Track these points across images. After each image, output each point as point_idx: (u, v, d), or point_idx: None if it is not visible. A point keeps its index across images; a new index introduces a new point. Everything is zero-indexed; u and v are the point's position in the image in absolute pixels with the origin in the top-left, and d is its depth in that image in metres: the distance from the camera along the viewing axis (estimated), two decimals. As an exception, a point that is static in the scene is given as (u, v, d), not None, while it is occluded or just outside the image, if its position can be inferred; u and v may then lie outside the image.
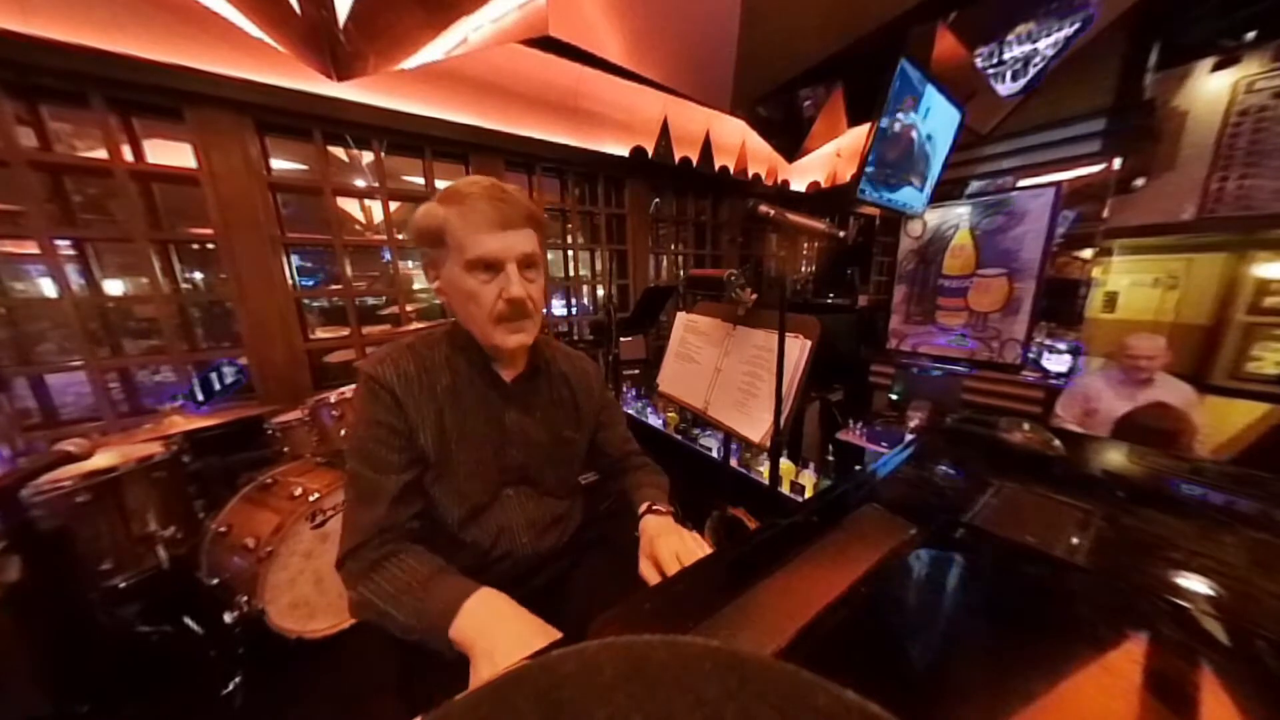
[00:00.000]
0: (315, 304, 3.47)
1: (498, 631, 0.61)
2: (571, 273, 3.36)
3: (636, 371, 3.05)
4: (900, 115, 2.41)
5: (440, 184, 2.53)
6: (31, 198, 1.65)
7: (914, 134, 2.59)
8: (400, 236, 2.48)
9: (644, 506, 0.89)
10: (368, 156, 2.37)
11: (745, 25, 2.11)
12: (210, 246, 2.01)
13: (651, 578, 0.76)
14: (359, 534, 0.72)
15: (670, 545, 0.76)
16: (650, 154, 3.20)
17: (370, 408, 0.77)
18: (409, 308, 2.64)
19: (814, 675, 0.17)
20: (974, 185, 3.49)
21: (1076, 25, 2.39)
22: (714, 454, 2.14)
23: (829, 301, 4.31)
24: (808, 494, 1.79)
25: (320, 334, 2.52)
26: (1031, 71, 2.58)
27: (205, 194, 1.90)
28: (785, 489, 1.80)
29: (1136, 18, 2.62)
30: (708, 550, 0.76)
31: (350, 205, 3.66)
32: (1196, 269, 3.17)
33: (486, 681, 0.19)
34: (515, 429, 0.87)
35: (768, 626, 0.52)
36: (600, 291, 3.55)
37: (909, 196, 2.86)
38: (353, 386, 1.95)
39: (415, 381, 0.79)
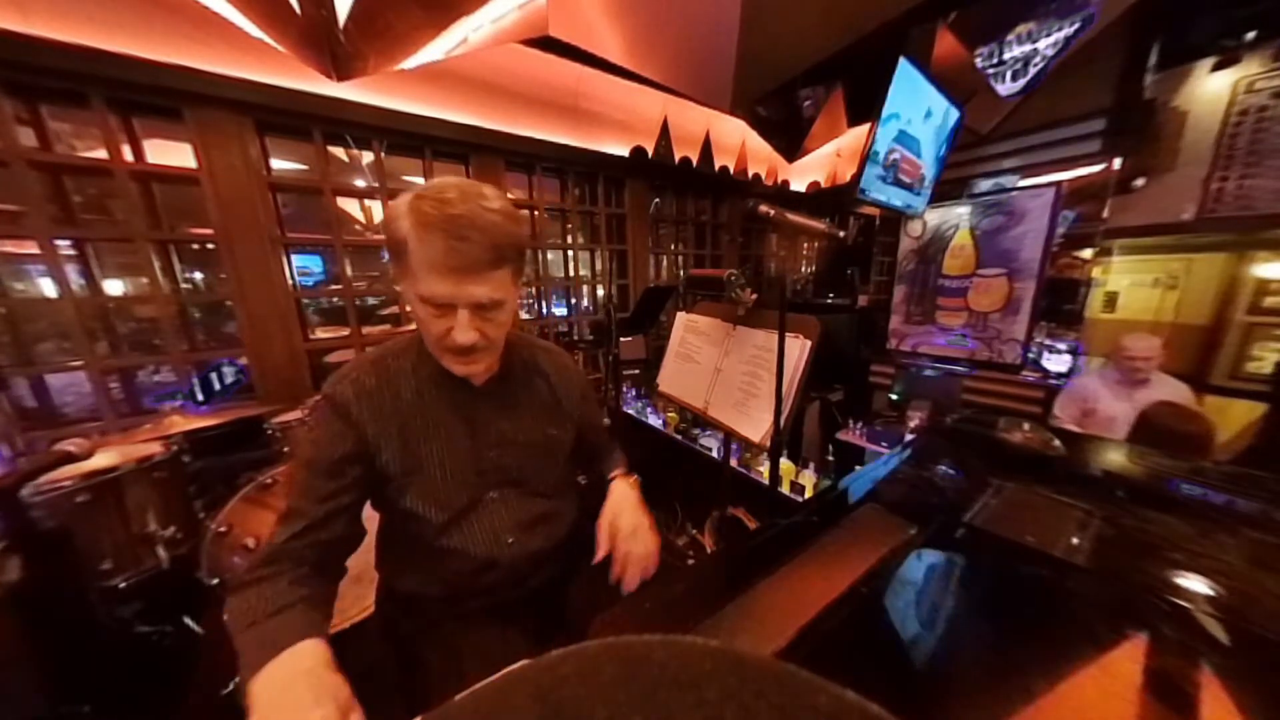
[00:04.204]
0: (313, 304, 3.46)
1: (274, 706, 0.52)
2: (571, 273, 3.36)
3: (636, 371, 3.04)
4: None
5: (440, 184, 2.54)
6: (31, 198, 1.65)
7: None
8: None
9: (616, 471, 0.99)
10: (368, 156, 2.37)
11: (745, 25, 2.11)
12: (210, 246, 2.01)
13: (601, 539, 0.85)
14: (263, 551, 0.70)
15: (627, 523, 0.86)
16: (650, 154, 3.20)
17: (318, 430, 0.76)
18: (409, 308, 2.64)
19: (814, 675, 0.17)
20: (974, 185, 3.49)
21: (1076, 25, 2.39)
22: (714, 454, 2.14)
23: (829, 301, 4.31)
24: (808, 494, 1.79)
25: (320, 334, 2.52)
26: (1031, 71, 2.58)
27: (205, 194, 1.90)
28: (785, 489, 1.80)
29: (1136, 18, 2.62)
30: (652, 537, 0.86)
31: (350, 205, 3.66)
32: (1196, 269, 3.17)
33: (486, 681, 0.19)
34: (491, 430, 0.86)
35: (768, 626, 0.52)
36: (600, 291, 3.55)
37: (907, 198, 2.86)
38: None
39: (375, 396, 0.78)
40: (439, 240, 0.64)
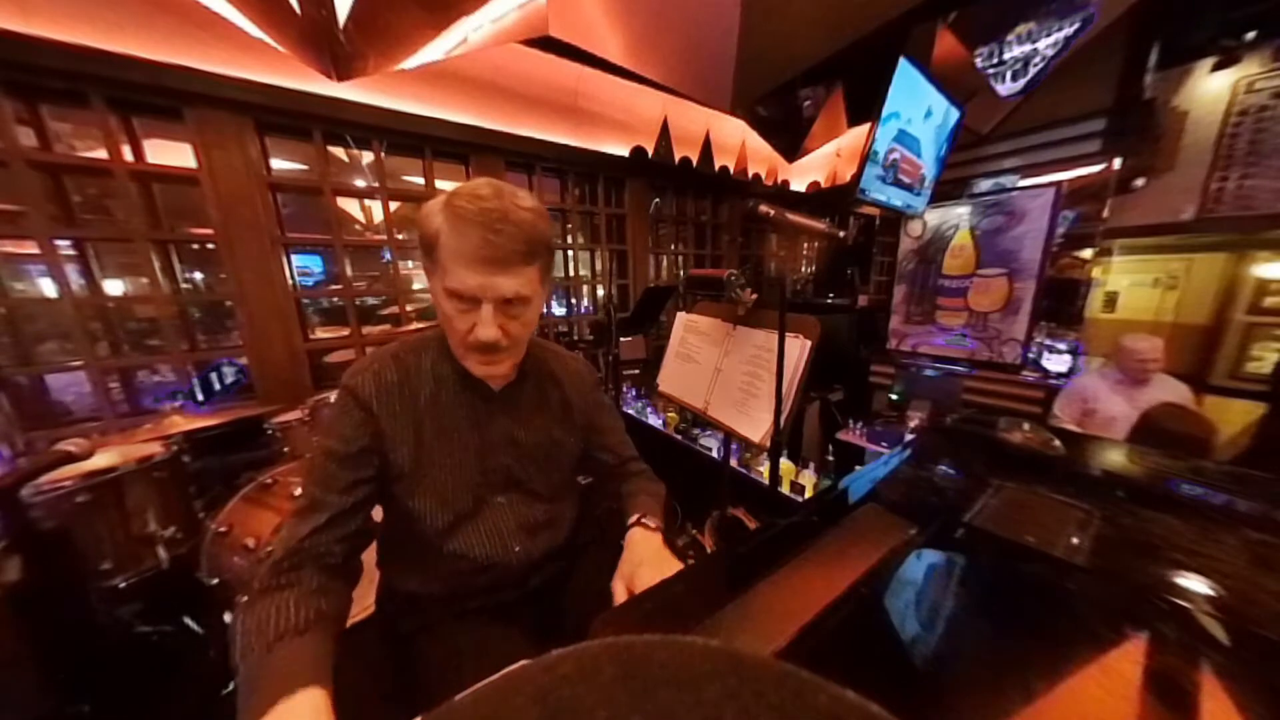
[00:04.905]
0: (313, 304, 3.47)
1: None
2: (571, 273, 3.36)
3: (636, 371, 3.05)
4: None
5: (441, 184, 2.54)
6: (31, 198, 1.65)
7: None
8: (400, 236, 2.48)
9: (634, 518, 0.87)
10: (368, 156, 2.37)
11: (745, 25, 2.12)
12: (210, 246, 2.01)
13: (619, 597, 0.73)
14: (284, 546, 0.67)
15: (647, 579, 0.70)
16: (650, 154, 3.20)
17: (337, 422, 0.75)
18: (409, 308, 2.64)
19: (814, 675, 0.17)
20: (974, 185, 3.49)
21: (1076, 25, 2.39)
22: (714, 454, 2.14)
23: (829, 301, 4.32)
24: (808, 494, 1.79)
25: (320, 334, 2.52)
26: (1031, 71, 2.58)
27: (205, 194, 1.90)
28: (785, 489, 1.80)
29: (1136, 18, 2.62)
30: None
31: (350, 205, 3.66)
32: (1196, 269, 3.17)
33: (486, 681, 0.19)
34: (501, 435, 0.85)
35: (768, 626, 0.52)
36: (600, 291, 3.55)
37: (907, 197, 2.86)
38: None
39: (395, 392, 0.77)
40: (473, 232, 0.64)
